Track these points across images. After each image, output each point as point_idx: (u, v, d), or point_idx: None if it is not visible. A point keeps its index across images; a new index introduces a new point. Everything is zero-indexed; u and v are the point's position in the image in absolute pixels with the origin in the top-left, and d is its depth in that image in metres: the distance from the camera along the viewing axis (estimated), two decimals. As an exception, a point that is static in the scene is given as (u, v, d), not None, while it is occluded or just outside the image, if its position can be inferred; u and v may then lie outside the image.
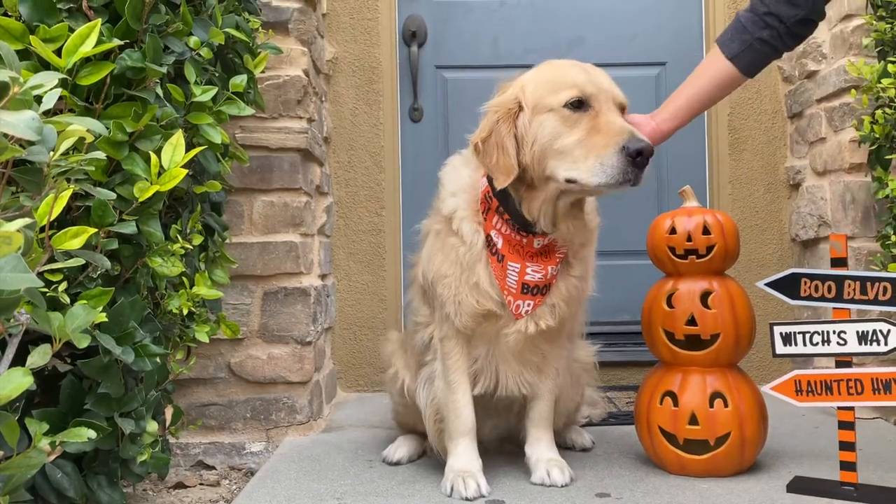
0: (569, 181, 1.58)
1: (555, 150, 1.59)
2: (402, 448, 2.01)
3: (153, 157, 1.40)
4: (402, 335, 2.09)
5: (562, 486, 1.74)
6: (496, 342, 1.76)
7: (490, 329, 1.74)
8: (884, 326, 1.62)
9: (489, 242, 1.69)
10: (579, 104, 1.59)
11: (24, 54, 1.26)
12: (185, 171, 1.42)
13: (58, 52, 1.23)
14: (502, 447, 2.02)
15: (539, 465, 1.79)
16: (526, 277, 1.67)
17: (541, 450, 1.82)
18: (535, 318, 1.70)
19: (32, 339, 1.11)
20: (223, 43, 1.79)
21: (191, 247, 1.69)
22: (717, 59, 1.86)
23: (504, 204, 1.67)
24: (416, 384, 1.93)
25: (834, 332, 1.67)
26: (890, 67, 2.09)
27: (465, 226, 1.72)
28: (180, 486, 2.09)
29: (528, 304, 1.69)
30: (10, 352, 0.98)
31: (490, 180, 1.68)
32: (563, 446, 2.06)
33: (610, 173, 1.52)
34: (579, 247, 1.74)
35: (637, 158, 1.50)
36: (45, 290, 1.20)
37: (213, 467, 2.28)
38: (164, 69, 1.46)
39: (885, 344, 1.61)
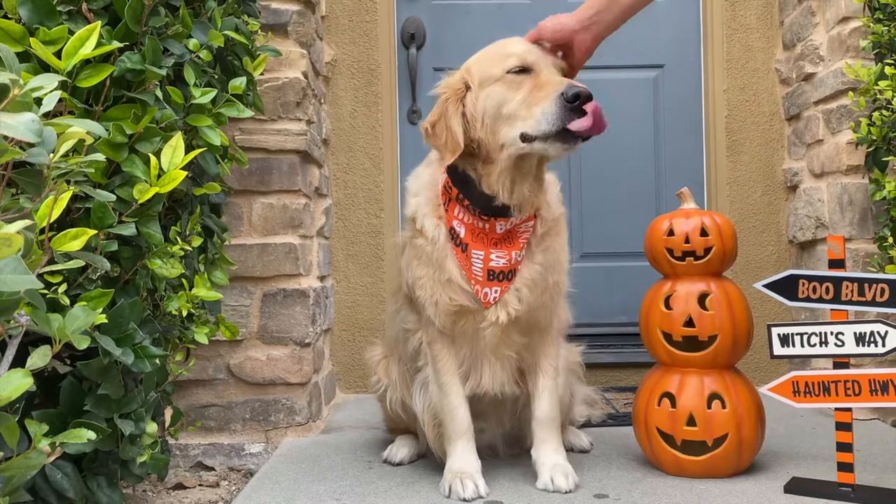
0: (522, 138, 1.61)
1: (503, 115, 1.63)
2: (402, 449, 2.01)
3: (153, 159, 1.40)
4: (385, 344, 2.09)
5: (566, 493, 1.71)
6: (476, 341, 1.77)
7: (469, 327, 1.75)
8: (881, 328, 1.62)
9: (452, 234, 1.71)
10: (522, 69, 1.64)
11: (24, 56, 1.26)
12: (184, 173, 1.42)
13: (58, 55, 1.23)
14: (493, 450, 2.01)
15: (543, 470, 1.76)
16: (490, 264, 1.68)
17: (546, 453, 1.79)
18: (503, 305, 1.71)
19: (32, 340, 1.11)
20: (222, 45, 1.79)
21: (190, 248, 1.69)
22: None
23: (465, 189, 1.69)
24: (397, 393, 1.96)
25: (832, 333, 1.67)
26: (887, 70, 2.10)
27: (426, 221, 1.74)
28: (180, 487, 2.10)
29: (496, 291, 1.70)
30: (10, 353, 0.98)
31: (451, 171, 1.71)
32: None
33: (551, 120, 1.56)
34: (542, 235, 1.75)
35: (575, 103, 1.55)
36: (45, 291, 1.20)
37: (212, 468, 2.28)
38: (163, 71, 1.46)
39: (883, 345, 1.62)
